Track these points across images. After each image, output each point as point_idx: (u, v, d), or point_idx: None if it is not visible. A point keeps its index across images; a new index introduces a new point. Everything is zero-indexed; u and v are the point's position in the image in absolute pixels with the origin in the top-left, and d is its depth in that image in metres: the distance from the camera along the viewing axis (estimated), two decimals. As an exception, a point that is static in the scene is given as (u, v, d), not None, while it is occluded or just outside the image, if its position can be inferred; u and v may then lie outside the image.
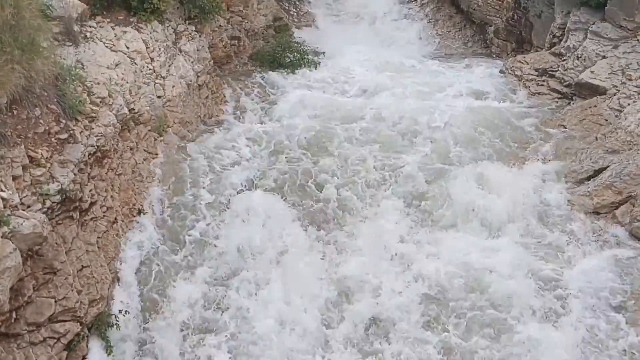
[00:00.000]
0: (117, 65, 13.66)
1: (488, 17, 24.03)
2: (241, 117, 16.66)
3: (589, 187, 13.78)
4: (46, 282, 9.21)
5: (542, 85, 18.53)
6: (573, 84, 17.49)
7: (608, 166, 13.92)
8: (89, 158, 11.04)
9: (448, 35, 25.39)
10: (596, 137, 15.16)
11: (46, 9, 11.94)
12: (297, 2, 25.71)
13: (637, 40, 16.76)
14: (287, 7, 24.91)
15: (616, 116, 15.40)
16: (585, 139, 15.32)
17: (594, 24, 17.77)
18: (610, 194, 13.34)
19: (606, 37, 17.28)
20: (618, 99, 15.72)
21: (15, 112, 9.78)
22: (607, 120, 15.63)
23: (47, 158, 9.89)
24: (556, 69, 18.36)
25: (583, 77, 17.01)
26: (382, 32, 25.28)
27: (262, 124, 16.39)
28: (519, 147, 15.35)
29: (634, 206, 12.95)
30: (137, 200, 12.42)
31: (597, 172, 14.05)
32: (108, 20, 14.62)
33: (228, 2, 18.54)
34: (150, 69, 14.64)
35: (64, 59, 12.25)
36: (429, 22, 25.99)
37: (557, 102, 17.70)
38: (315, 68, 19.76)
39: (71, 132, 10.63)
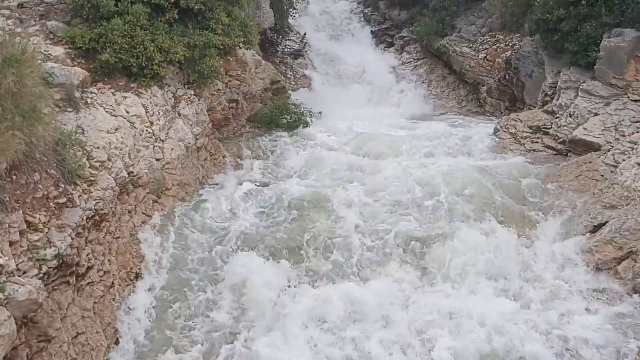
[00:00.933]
0: (116, 129, 13.82)
1: (480, 77, 24.66)
2: (239, 178, 16.73)
3: (589, 243, 13.70)
4: (40, 351, 8.97)
5: (537, 142, 18.78)
6: (567, 140, 17.74)
7: (607, 221, 13.89)
8: (87, 222, 11.00)
9: (442, 95, 25.95)
10: (593, 193, 15.22)
11: (48, 76, 12.19)
12: (293, 66, 26.39)
13: (628, 97, 17.12)
14: (284, 71, 25.53)
15: (612, 171, 15.51)
16: (583, 195, 15.38)
17: (584, 82, 18.20)
18: (611, 249, 13.25)
19: (597, 95, 17.65)
20: (613, 155, 15.88)
21: (14, 177, 9.82)
22: (602, 175, 15.74)
23: (44, 223, 9.85)
24: (550, 126, 18.66)
25: (577, 133, 17.27)
26: (377, 93, 25.84)
27: (260, 185, 16.45)
28: (517, 204, 15.36)
29: (635, 262, 12.85)
30: (134, 263, 12.29)
31: (597, 228, 14.02)
32: (109, 86, 14.90)
33: (226, 67, 18.98)
34: (149, 133, 14.81)
35: (65, 124, 12.42)
36: (423, 82, 26.64)
37: (553, 159, 17.88)
38: (312, 128, 20.04)
39: (70, 196, 10.63)
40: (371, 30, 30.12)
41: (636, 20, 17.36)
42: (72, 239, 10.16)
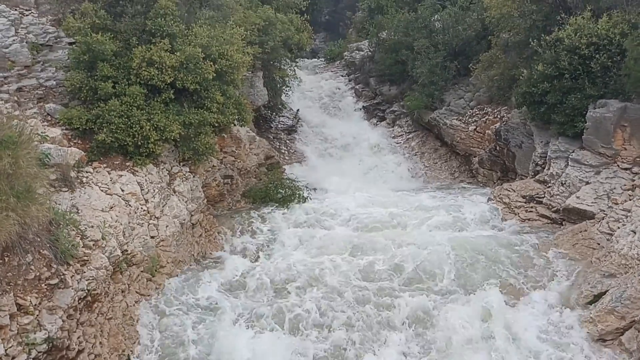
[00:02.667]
0: (111, 208, 13.83)
1: (472, 148, 25.07)
2: (234, 255, 16.59)
3: (591, 313, 13.49)
4: None
5: (531, 211, 18.86)
6: (561, 209, 17.83)
7: (607, 290, 13.74)
8: (79, 303, 10.78)
9: (435, 167, 26.26)
10: (591, 261, 15.15)
11: (44, 157, 12.32)
12: (287, 141, 26.82)
13: (617, 165, 17.37)
14: (278, 146, 25.92)
15: (608, 240, 15.50)
16: (580, 263, 15.30)
17: (573, 152, 18.52)
18: (614, 319, 13.03)
19: (587, 164, 17.92)
20: (607, 223, 15.92)
21: (6, 259, 9.71)
22: (599, 244, 15.72)
23: (35, 305, 9.65)
24: (543, 196, 18.80)
25: (570, 202, 17.38)
26: (370, 166, 26.14)
27: (255, 261, 16.30)
28: (514, 273, 15.21)
29: (639, 331, 12.60)
30: (126, 345, 11.95)
31: (597, 297, 13.84)
32: (104, 165, 15.03)
33: (221, 143, 19.27)
34: (144, 210, 14.81)
35: (59, 204, 12.43)
36: (416, 154, 27.02)
37: (548, 227, 17.90)
38: (306, 203, 20.10)
39: (62, 277, 10.48)
40: (363, 106, 30.88)
41: (619, 92, 17.89)
42: (63, 321, 9.92)
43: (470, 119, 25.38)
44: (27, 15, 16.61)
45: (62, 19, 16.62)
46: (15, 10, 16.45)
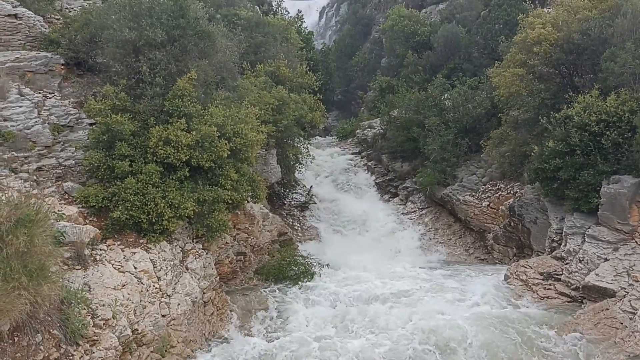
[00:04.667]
0: (123, 285, 13.75)
1: (486, 224, 24.89)
2: (247, 334, 16.24)
3: (618, 398, 12.88)
4: None
5: (550, 289, 18.42)
6: (580, 287, 17.41)
7: (633, 373, 13.18)
8: (86, 385, 10.52)
9: (449, 243, 26.00)
10: (614, 342, 14.61)
11: (59, 235, 12.42)
12: (300, 218, 26.86)
13: (635, 242, 17.09)
14: (291, 223, 25.93)
15: (630, 319, 15.02)
16: (604, 344, 14.74)
17: (589, 228, 18.30)
18: (642, 404, 12.42)
19: (604, 240, 17.65)
20: (629, 301, 15.49)
21: (16, 339, 9.59)
22: (622, 323, 15.22)
23: (42, 387, 9.43)
24: (560, 273, 18.42)
25: (589, 280, 16.99)
26: (384, 242, 25.94)
27: (268, 340, 15.92)
28: (535, 356, 14.66)
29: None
30: None
31: (624, 380, 13.26)
32: (118, 242, 15.09)
33: (235, 220, 19.33)
34: (156, 288, 14.69)
35: (72, 282, 12.40)
36: (429, 231, 26.83)
37: (568, 306, 17.41)
38: (320, 280, 19.85)
39: (71, 357, 10.30)
40: (375, 182, 31.07)
41: (632, 167, 17.88)
42: (70, 404, 9.65)
43: (483, 195, 25.37)
44: (50, 98, 17.25)
45: (84, 101, 17.24)
46: (39, 93, 17.11)
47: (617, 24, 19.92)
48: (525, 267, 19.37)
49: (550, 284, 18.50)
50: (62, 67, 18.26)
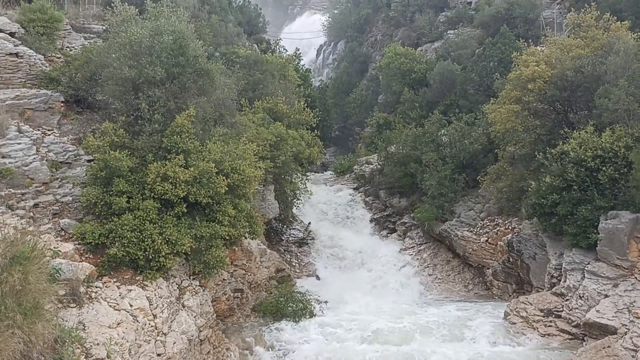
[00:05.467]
0: (118, 324, 13.56)
1: (484, 260, 24.76)
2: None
3: None
4: None
5: (551, 326, 18.22)
6: (581, 324, 17.22)
7: (638, 413, 12.93)
8: None
9: (448, 279, 25.79)
10: (618, 381, 14.39)
11: (55, 272, 12.31)
12: (298, 254, 26.70)
13: (635, 278, 17.00)
14: (289, 259, 25.76)
15: (633, 356, 14.86)
16: (607, 383, 14.52)
17: (588, 263, 18.22)
18: None
19: (604, 276, 17.55)
20: (631, 339, 15.32)
21: (6, 380, 9.38)
22: (624, 361, 15.02)
23: None
24: (561, 309, 18.24)
25: (590, 316, 16.82)
26: (382, 278, 25.72)
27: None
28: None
29: None
30: None
31: (628, 420, 13.00)
32: (114, 279, 14.95)
33: (232, 256, 19.21)
34: (152, 326, 14.48)
35: (66, 320, 12.22)
36: (428, 266, 26.64)
37: (569, 344, 17.18)
38: (318, 317, 19.61)
39: (63, 399, 10.05)
40: (373, 218, 31.00)
41: (629, 203, 17.92)
42: None
43: (481, 230, 25.30)
44: (49, 135, 17.34)
45: (83, 138, 17.33)
46: (39, 130, 17.21)
47: (610, 61, 20.27)
48: (525, 304, 19.19)
49: (551, 321, 18.30)
50: (62, 104, 18.41)
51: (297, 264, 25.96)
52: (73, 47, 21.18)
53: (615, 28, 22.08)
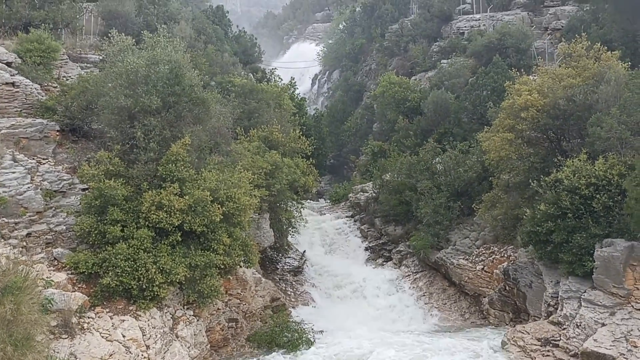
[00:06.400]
0: (111, 355, 13.39)
1: (481, 288, 24.62)
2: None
3: None
4: None
5: (549, 355, 18.03)
6: (579, 353, 17.05)
7: None
8: None
9: (444, 308, 25.59)
10: (617, 411, 14.20)
11: (47, 303, 12.18)
12: (293, 283, 26.49)
13: (632, 306, 16.93)
14: (284, 288, 25.55)
15: (632, 386, 14.67)
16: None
17: (585, 292, 18.15)
18: None
19: (600, 305, 17.47)
20: (629, 368, 15.17)
21: (-4, 413, 9.20)
22: (623, 391, 14.85)
23: None
24: (559, 338, 18.09)
25: (588, 346, 16.68)
26: (378, 307, 25.50)
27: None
28: None
29: None
30: None
31: None
32: (107, 310, 14.80)
33: (227, 286, 19.06)
34: (145, 357, 14.30)
35: (58, 352, 12.04)
36: (424, 295, 26.45)
37: (568, 374, 17.03)
38: (313, 347, 19.37)
39: None
40: (369, 246, 30.88)
41: (624, 231, 17.94)
42: None
43: (477, 259, 25.21)
44: (44, 163, 17.35)
45: (78, 167, 17.33)
46: (33, 159, 17.22)
47: (601, 90, 20.52)
48: (523, 333, 19.02)
49: (548, 350, 18.13)
50: (57, 133, 18.47)
51: (292, 293, 25.73)
52: (70, 76, 21.34)
53: (606, 58, 22.40)
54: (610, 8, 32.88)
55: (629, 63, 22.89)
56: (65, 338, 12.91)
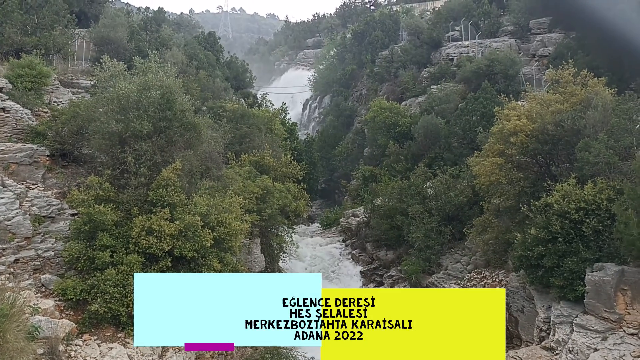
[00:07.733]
0: (98, 385, 13.12)
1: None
2: None
3: None
4: None
5: (541, 382, 17.91)
6: (572, 380, 16.96)
7: None
8: None
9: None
10: None
11: (34, 330, 11.97)
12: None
13: (624, 331, 16.87)
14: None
15: (625, 412, 14.54)
16: None
17: (577, 316, 18.09)
18: None
19: (592, 329, 17.41)
20: (622, 393, 15.06)
21: None
22: (617, 417, 14.72)
23: None
24: (551, 365, 17.99)
25: (580, 371, 16.60)
26: None
27: None
28: None
29: None
30: None
31: None
32: (95, 337, 14.58)
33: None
34: (133, 386, 14.02)
35: (44, 381, 11.79)
36: (416, 321, 26.25)
37: (561, 400, 16.88)
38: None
39: None
40: (360, 271, 30.74)
41: (614, 255, 17.97)
42: None
43: (468, 283, 25.13)
44: (33, 188, 17.22)
45: (67, 192, 17.22)
46: (22, 184, 17.09)
47: (589, 116, 20.77)
48: (515, 359, 18.89)
49: (542, 377, 18.01)
50: (47, 158, 18.38)
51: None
52: (61, 101, 21.33)
53: (593, 84, 22.72)
54: (596, 35, 33.47)
55: (615, 89, 23.22)
56: (52, 367, 12.69)
